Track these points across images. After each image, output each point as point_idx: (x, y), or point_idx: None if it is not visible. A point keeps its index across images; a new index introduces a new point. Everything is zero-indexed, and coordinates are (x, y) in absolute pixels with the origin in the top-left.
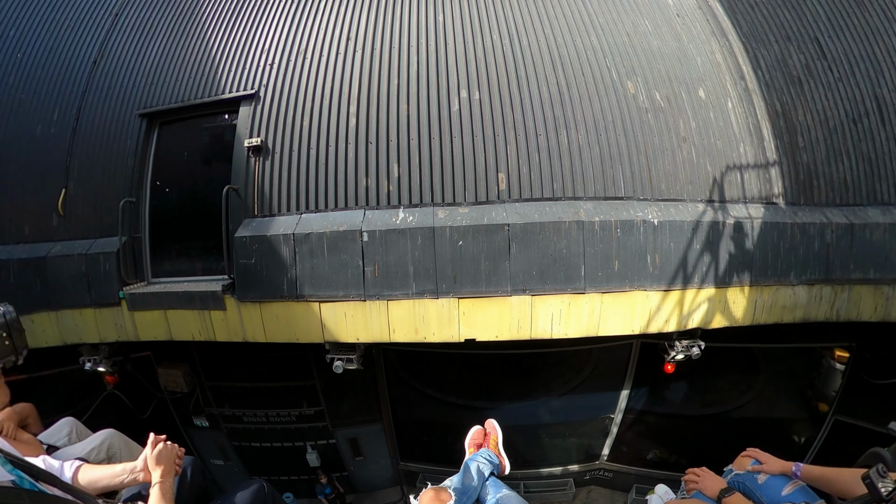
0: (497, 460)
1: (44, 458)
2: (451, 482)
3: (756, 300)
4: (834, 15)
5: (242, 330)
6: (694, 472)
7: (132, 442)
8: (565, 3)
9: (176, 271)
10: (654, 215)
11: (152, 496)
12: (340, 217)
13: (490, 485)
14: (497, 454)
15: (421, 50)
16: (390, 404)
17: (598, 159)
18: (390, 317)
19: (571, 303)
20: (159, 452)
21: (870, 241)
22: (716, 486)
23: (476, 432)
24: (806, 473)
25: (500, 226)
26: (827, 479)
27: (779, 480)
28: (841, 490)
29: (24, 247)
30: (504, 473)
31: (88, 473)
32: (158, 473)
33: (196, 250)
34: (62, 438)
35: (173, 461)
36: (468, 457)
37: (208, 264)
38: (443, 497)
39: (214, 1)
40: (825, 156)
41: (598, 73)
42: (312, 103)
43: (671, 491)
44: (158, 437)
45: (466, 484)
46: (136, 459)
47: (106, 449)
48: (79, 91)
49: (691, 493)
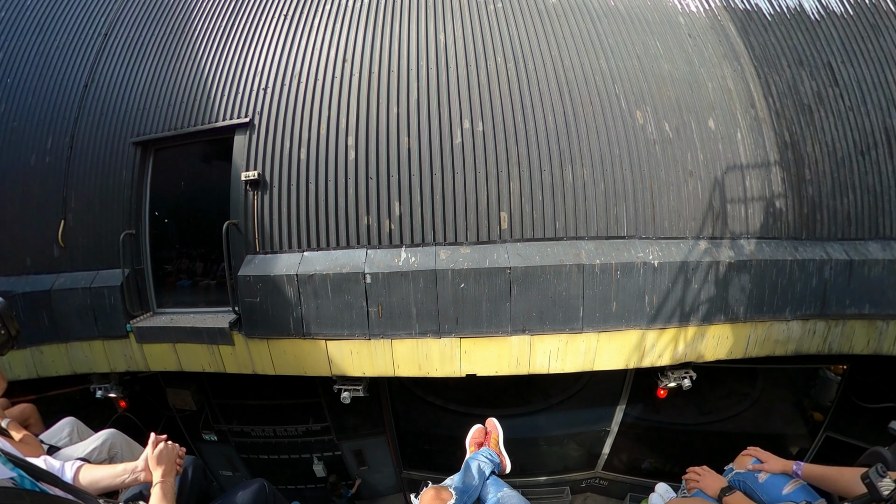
0: (498, 459)
1: (45, 458)
2: (451, 481)
3: (749, 335)
4: (848, 39)
5: (251, 363)
6: (695, 471)
7: (133, 442)
8: (573, 21)
9: (181, 301)
10: (655, 256)
11: (153, 496)
12: (343, 257)
13: (491, 483)
14: (498, 453)
15: (421, 74)
16: (393, 416)
17: (601, 196)
18: (394, 354)
19: (569, 341)
20: (160, 452)
21: (867, 278)
22: (716, 485)
23: (477, 431)
24: (806, 472)
25: (502, 269)
26: (827, 478)
27: (779, 479)
28: (841, 489)
29: (28, 278)
30: (505, 472)
31: (90, 473)
32: (159, 473)
33: (199, 279)
34: (63, 439)
35: (174, 461)
36: (469, 455)
37: (213, 294)
38: (443, 496)
39: (205, 19)
40: (831, 189)
41: (606, 102)
42: (309, 134)
43: (672, 490)
44: (159, 437)
45: (467, 483)
46: (138, 459)
47: (107, 449)
48: (71, 117)
49: (692, 491)
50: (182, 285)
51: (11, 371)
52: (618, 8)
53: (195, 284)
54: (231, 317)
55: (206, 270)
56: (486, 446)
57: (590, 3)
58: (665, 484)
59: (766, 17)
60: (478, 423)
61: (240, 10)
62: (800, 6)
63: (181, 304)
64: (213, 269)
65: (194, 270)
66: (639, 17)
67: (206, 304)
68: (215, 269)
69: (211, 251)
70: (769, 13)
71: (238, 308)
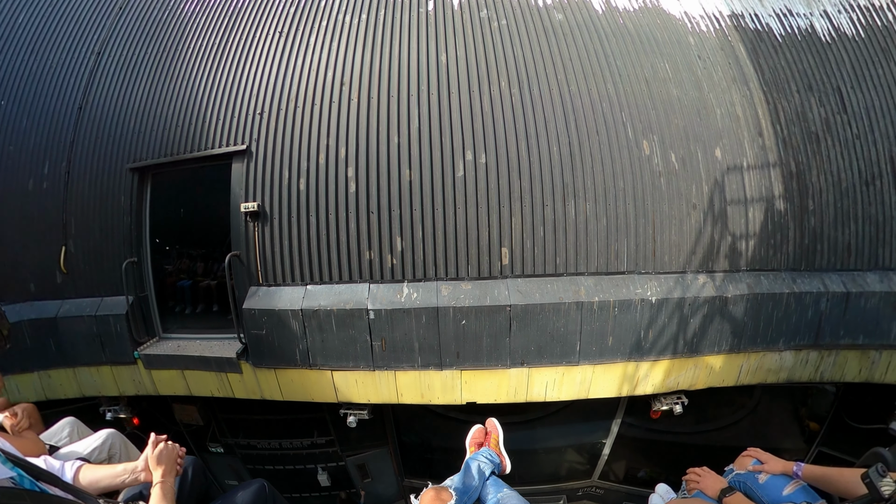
0: (498, 459)
1: (45, 458)
2: (451, 481)
3: (742, 365)
4: (859, 62)
5: (260, 389)
6: (695, 472)
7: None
8: (580, 40)
9: (186, 327)
10: (654, 292)
11: (153, 496)
12: (346, 291)
13: (491, 484)
14: (498, 453)
15: (422, 99)
16: (395, 427)
17: (603, 231)
18: (398, 384)
19: (565, 373)
20: (160, 452)
21: (863, 309)
22: (717, 486)
23: (477, 431)
24: (807, 473)
25: (503, 307)
26: (828, 479)
27: (780, 480)
28: (842, 490)
29: (34, 305)
30: (505, 472)
31: (89, 473)
32: (159, 473)
33: (204, 304)
34: (63, 438)
35: (174, 461)
36: (469, 456)
37: (217, 320)
38: (443, 496)
39: (198, 35)
40: (833, 219)
41: (613, 130)
42: (308, 163)
43: (672, 490)
44: (159, 437)
45: (467, 483)
46: (137, 459)
47: (107, 449)
48: (66, 140)
49: (692, 492)
50: (187, 310)
51: (19, 393)
52: (626, 26)
53: (199, 309)
54: (238, 346)
55: (209, 294)
56: (486, 447)
57: (597, 21)
58: (665, 484)
59: (776, 38)
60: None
61: (234, 25)
62: (811, 27)
63: (187, 328)
64: (216, 292)
65: (198, 295)
66: (648, 37)
67: (211, 328)
68: (219, 293)
69: (214, 275)
70: (780, 34)
71: (244, 338)
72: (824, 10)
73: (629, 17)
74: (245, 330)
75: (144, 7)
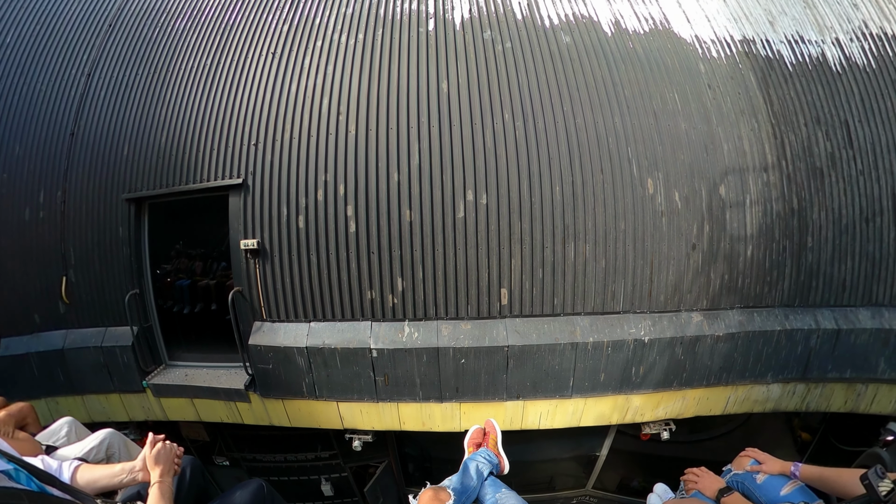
0: (496, 460)
1: (42, 457)
2: (449, 482)
3: (729, 396)
4: (868, 95)
5: (268, 416)
6: (693, 472)
7: (131, 442)
8: (588, 67)
9: (192, 352)
10: (647, 332)
11: (151, 496)
12: (349, 329)
13: (489, 484)
14: (496, 453)
15: (422, 133)
16: (396, 441)
17: (601, 273)
18: (400, 414)
19: (558, 405)
20: (158, 452)
21: (853, 345)
22: (715, 486)
23: (475, 431)
24: (805, 473)
25: (500, 347)
26: (825, 479)
27: (777, 480)
28: (839, 490)
29: (40, 337)
30: (503, 473)
31: (87, 473)
32: (157, 473)
33: (209, 331)
34: (61, 438)
35: (172, 461)
36: (467, 456)
37: (223, 346)
38: (441, 497)
39: (189, 57)
40: (830, 256)
41: (618, 168)
42: (306, 200)
43: (670, 490)
44: (157, 437)
45: (465, 483)
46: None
47: (105, 448)
48: (60, 169)
49: (690, 492)
50: (192, 338)
51: None
52: (636, 51)
53: (205, 337)
54: (245, 377)
55: (214, 321)
56: (484, 447)
57: (606, 45)
58: (663, 484)
59: (787, 66)
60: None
61: (226, 44)
62: (822, 56)
63: (192, 352)
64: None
65: (203, 322)
66: (658, 64)
67: (217, 352)
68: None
69: (218, 302)
70: (791, 62)
71: (251, 370)
72: (836, 38)
73: (639, 41)
74: (252, 363)
75: (134, 24)
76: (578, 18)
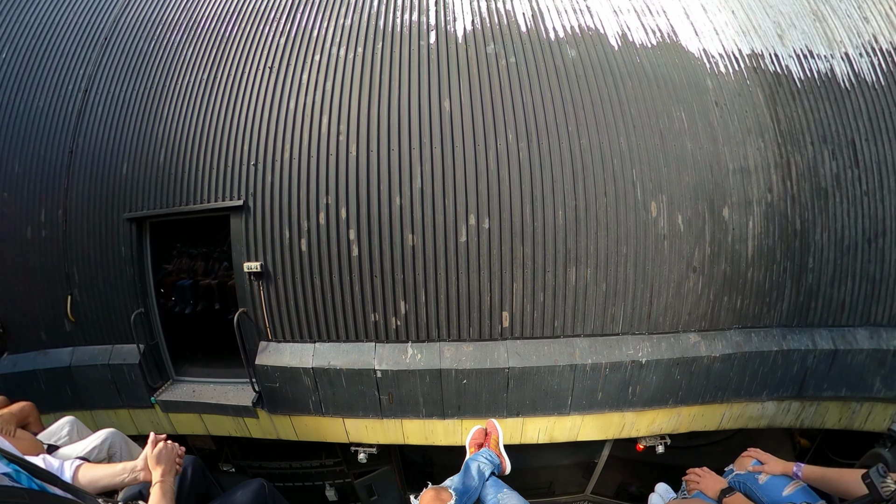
0: (498, 460)
1: (44, 457)
2: (451, 482)
3: (724, 413)
4: (876, 112)
5: (275, 431)
6: (695, 472)
7: (132, 441)
8: (594, 83)
9: (199, 370)
10: (645, 353)
11: (153, 495)
12: (353, 350)
13: (490, 485)
14: (498, 454)
15: (424, 154)
16: (399, 448)
17: (601, 296)
18: (404, 430)
19: (556, 422)
20: (159, 452)
21: (849, 365)
22: (717, 486)
23: (477, 432)
24: (807, 474)
25: (501, 369)
26: (828, 480)
27: (780, 480)
28: (842, 490)
29: (47, 354)
30: (505, 473)
31: (89, 473)
32: (159, 473)
33: (215, 347)
34: (63, 437)
35: (174, 460)
36: (469, 456)
37: (230, 362)
38: (443, 497)
39: (186, 72)
40: (830, 277)
41: (622, 191)
42: (308, 223)
43: (671, 489)
44: (158, 437)
45: (467, 484)
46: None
47: (107, 448)
48: (60, 187)
49: (692, 492)
50: (199, 354)
51: None
52: (643, 66)
53: (211, 352)
54: (252, 394)
55: (219, 338)
56: (486, 447)
57: (613, 60)
58: (665, 484)
59: (795, 83)
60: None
61: (223, 59)
62: (830, 71)
63: (198, 366)
64: (227, 336)
65: (209, 339)
66: (665, 80)
67: (224, 369)
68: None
69: (223, 319)
70: (799, 78)
71: (258, 387)
72: (845, 53)
73: (646, 56)
74: (259, 381)
75: (130, 37)
76: (584, 31)
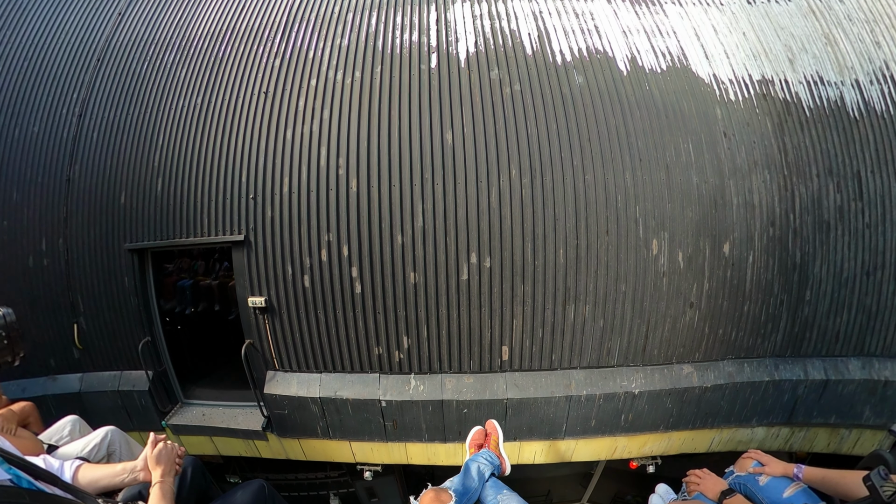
0: (497, 461)
1: (44, 457)
2: (451, 483)
3: (714, 437)
4: (883, 143)
5: (284, 452)
6: (695, 474)
7: (132, 440)
8: (601, 112)
9: (206, 388)
10: (638, 384)
11: (152, 496)
12: (358, 381)
13: (490, 486)
14: (498, 455)
15: (426, 191)
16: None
17: (598, 332)
18: (408, 452)
19: (551, 445)
20: (159, 452)
21: (840, 394)
22: (717, 488)
23: (477, 433)
24: (808, 475)
25: (500, 399)
26: (829, 481)
27: (780, 482)
28: (843, 492)
29: (57, 379)
30: (505, 474)
31: (89, 473)
32: (159, 473)
33: (222, 371)
34: (64, 437)
35: (173, 461)
36: (468, 457)
37: (238, 385)
38: (443, 498)
39: (180, 95)
40: (827, 309)
41: (623, 229)
42: (310, 260)
43: (672, 490)
44: (158, 437)
45: (467, 485)
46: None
47: (107, 446)
48: (59, 216)
49: (692, 494)
50: (207, 378)
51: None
52: (652, 94)
53: (219, 375)
54: (261, 418)
55: (226, 361)
56: (485, 448)
57: (621, 87)
58: (665, 485)
59: (804, 111)
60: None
61: (217, 82)
62: (840, 99)
63: (206, 389)
64: (234, 360)
65: (215, 362)
66: (674, 108)
67: (232, 391)
68: (236, 362)
69: (229, 344)
70: (808, 106)
71: (267, 412)
72: (856, 80)
73: (655, 82)
74: (268, 408)
75: (123, 58)
76: (592, 54)
